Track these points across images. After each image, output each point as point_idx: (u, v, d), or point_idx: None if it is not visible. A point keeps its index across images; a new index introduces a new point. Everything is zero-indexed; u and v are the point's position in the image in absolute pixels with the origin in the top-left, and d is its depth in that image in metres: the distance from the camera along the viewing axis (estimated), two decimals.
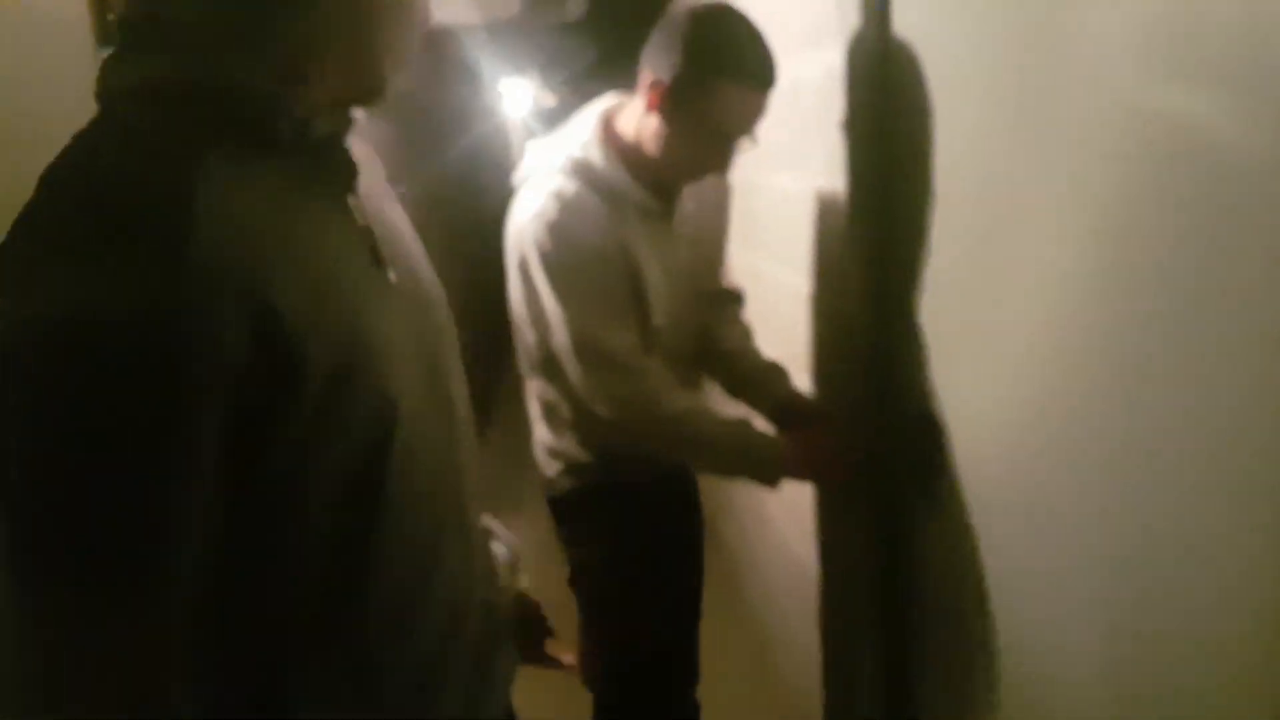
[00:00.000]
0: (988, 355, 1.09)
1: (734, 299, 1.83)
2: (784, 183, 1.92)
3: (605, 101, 1.57)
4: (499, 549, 1.04)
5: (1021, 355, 1.01)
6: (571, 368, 1.46)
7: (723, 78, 1.38)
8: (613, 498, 1.60)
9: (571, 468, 1.62)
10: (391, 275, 0.80)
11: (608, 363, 1.44)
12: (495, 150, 5.44)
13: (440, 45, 3.62)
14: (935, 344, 1.22)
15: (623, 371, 1.44)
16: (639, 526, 1.60)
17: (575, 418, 1.55)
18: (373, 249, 0.79)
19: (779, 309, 1.99)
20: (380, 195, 0.87)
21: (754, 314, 1.83)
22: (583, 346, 1.43)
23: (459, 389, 0.90)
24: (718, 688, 1.81)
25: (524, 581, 1.10)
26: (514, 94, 5.70)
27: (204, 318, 0.61)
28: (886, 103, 1.30)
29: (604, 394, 1.45)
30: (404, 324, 0.79)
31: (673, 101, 1.40)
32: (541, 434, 1.66)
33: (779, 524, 2.30)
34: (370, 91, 0.79)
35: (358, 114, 0.80)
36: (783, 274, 1.98)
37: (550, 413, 1.61)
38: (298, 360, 0.65)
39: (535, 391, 1.63)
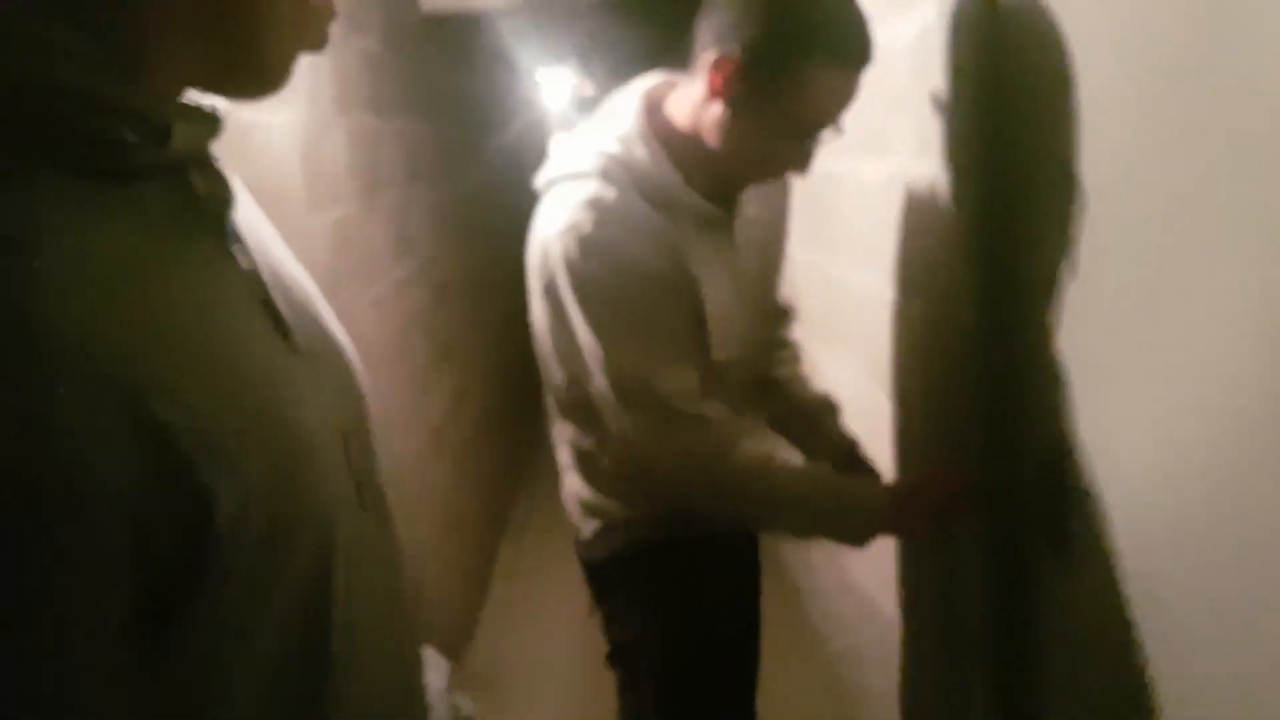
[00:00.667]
0: (1144, 388, 0.85)
1: (787, 315, 1.59)
2: (863, 169, 1.67)
3: (647, 82, 1.29)
4: (463, 704, 0.85)
5: (1186, 390, 0.78)
6: (616, 416, 1.21)
7: (813, 55, 1.10)
8: (663, 561, 1.34)
9: (612, 527, 1.36)
10: (296, 339, 0.59)
11: (663, 411, 1.18)
12: (535, 147, 5.25)
13: (468, 33, 3.42)
14: (1076, 370, 0.98)
15: (682, 420, 1.19)
16: (695, 594, 1.35)
17: (617, 468, 1.29)
18: (266, 304, 0.58)
19: (854, 318, 1.75)
20: (258, 230, 0.65)
21: (820, 324, 1.59)
22: (631, 392, 1.18)
23: (381, 479, 0.70)
24: None
25: None
26: (551, 84, 5.47)
27: (77, 445, 0.42)
28: (998, 73, 1.06)
29: (661, 447, 1.20)
30: (320, 406, 0.59)
31: (745, 84, 1.13)
32: (574, 485, 1.40)
33: (855, 570, 2.06)
34: (247, 75, 0.56)
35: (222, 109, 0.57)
36: (861, 277, 1.73)
37: (585, 462, 1.36)
38: (205, 487, 0.46)
39: (566, 436, 1.38)
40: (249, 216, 0.64)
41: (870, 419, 1.71)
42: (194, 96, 0.55)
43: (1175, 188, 0.77)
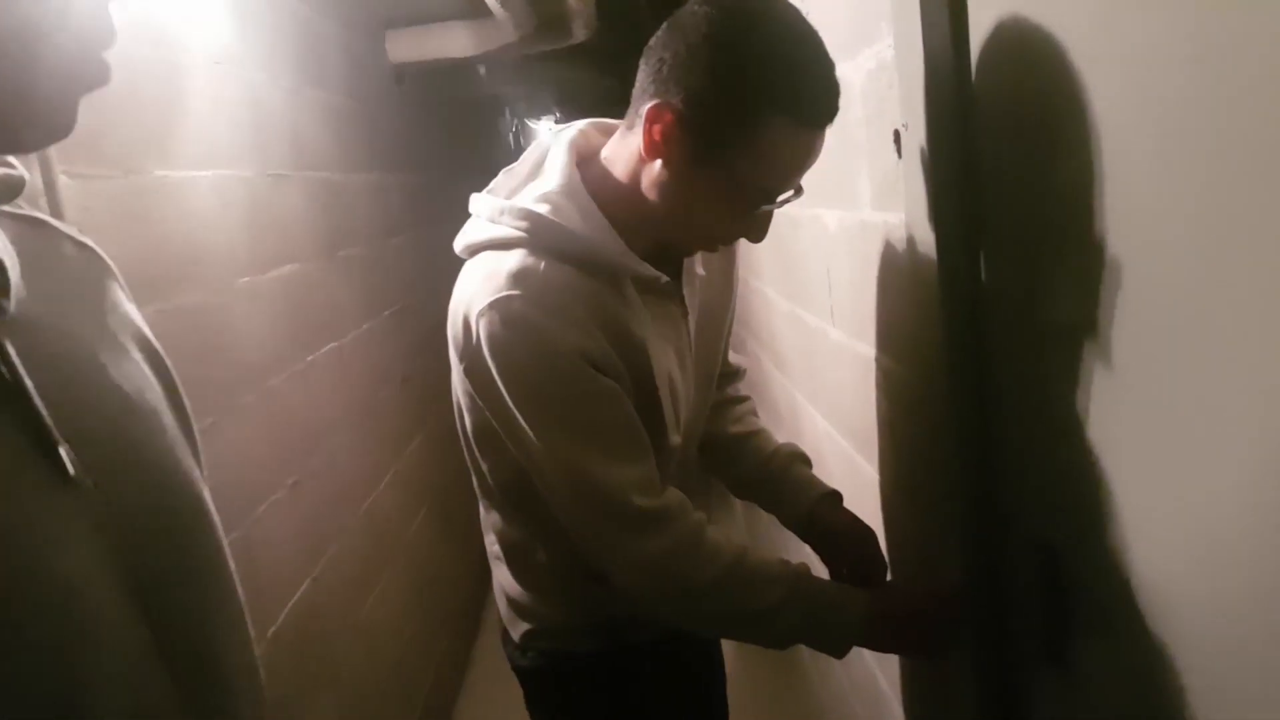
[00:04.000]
0: (1167, 467, 0.70)
1: (737, 374, 1.44)
2: (823, 216, 1.54)
3: (575, 128, 1.12)
4: None
5: (1221, 470, 0.63)
6: (567, 517, 1.05)
7: (767, 109, 0.94)
8: (604, 673, 1.19)
9: (544, 632, 1.20)
10: (72, 465, 0.48)
11: (618, 515, 1.01)
12: None
13: (445, 83, 3.32)
14: (1078, 446, 0.83)
15: (639, 524, 1.01)
16: (640, 711, 1.20)
17: (557, 563, 1.13)
18: (28, 420, 0.46)
19: (831, 375, 1.61)
20: (77, 321, 0.54)
21: (804, 379, 1.45)
22: (577, 487, 1.02)
23: (222, 634, 0.58)
24: None
25: None
26: (525, 134, 5.40)
27: None
28: (966, 111, 0.93)
29: (619, 558, 1.03)
30: (102, 552, 0.48)
31: (687, 140, 0.96)
32: (503, 580, 1.24)
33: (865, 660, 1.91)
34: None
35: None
36: (832, 331, 1.59)
37: (515, 555, 1.20)
38: None
39: (493, 524, 1.22)
40: (67, 306, 0.54)
41: (855, 488, 1.57)
42: None
43: (1199, 234, 0.63)
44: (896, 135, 1.06)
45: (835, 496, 1.31)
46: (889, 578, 1.25)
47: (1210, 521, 0.64)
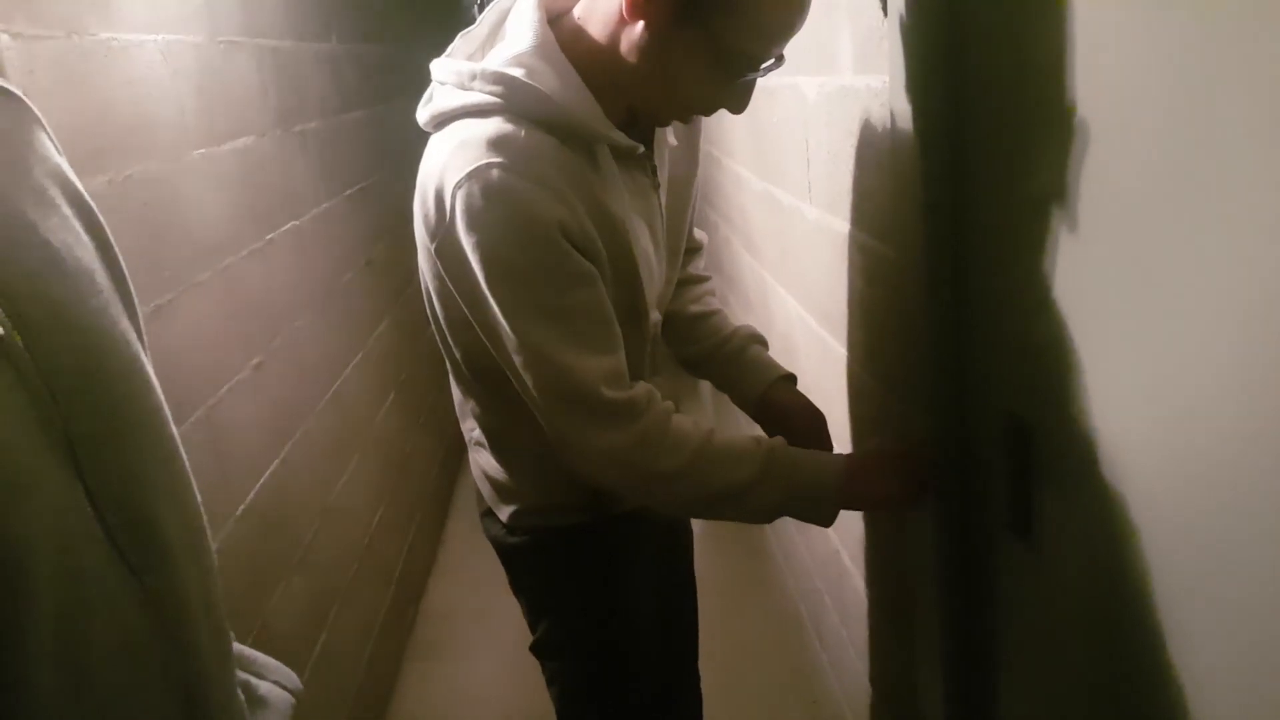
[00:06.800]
0: (1135, 353, 0.70)
1: (699, 249, 1.41)
2: (800, 83, 1.49)
3: None
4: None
5: (1187, 359, 0.63)
6: (533, 404, 1.02)
7: None
8: (587, 541, 1.20)
9: (530, 510, 1.21)
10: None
11: (586, 400, 0.99)
12: None
13: None
14: (1052, 328, 0.82)
15: (608, 409, 0.99)
16: (621, 572, 1.22)
17: (540, 442, 1.08)
18: None
19: (804, 254, 1.59)
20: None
21: (775, 262, 1.43)
22: (548, 378, 0.99)
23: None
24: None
25: None
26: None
27: None
28: None
29: (586, 441, 1.01)
30: (24, 407, 0.48)
31: (671, 2, 0.92)
32: (485, 464, 1.23)
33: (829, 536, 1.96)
34: None
35: None
36: (807, 208, 1.56)
37: (496, 439, 1.19)
38: None
39: (471, 410, 1.20)
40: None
41: (823, 367, 1.57)
42: None
43: (1182, 122, 0.61)
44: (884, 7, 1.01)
45: (790, 379, 1.31)
46: None
47: (1178, 393, 0.64)
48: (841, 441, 1.44)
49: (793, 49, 0.99)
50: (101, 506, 0.52)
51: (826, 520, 1.09)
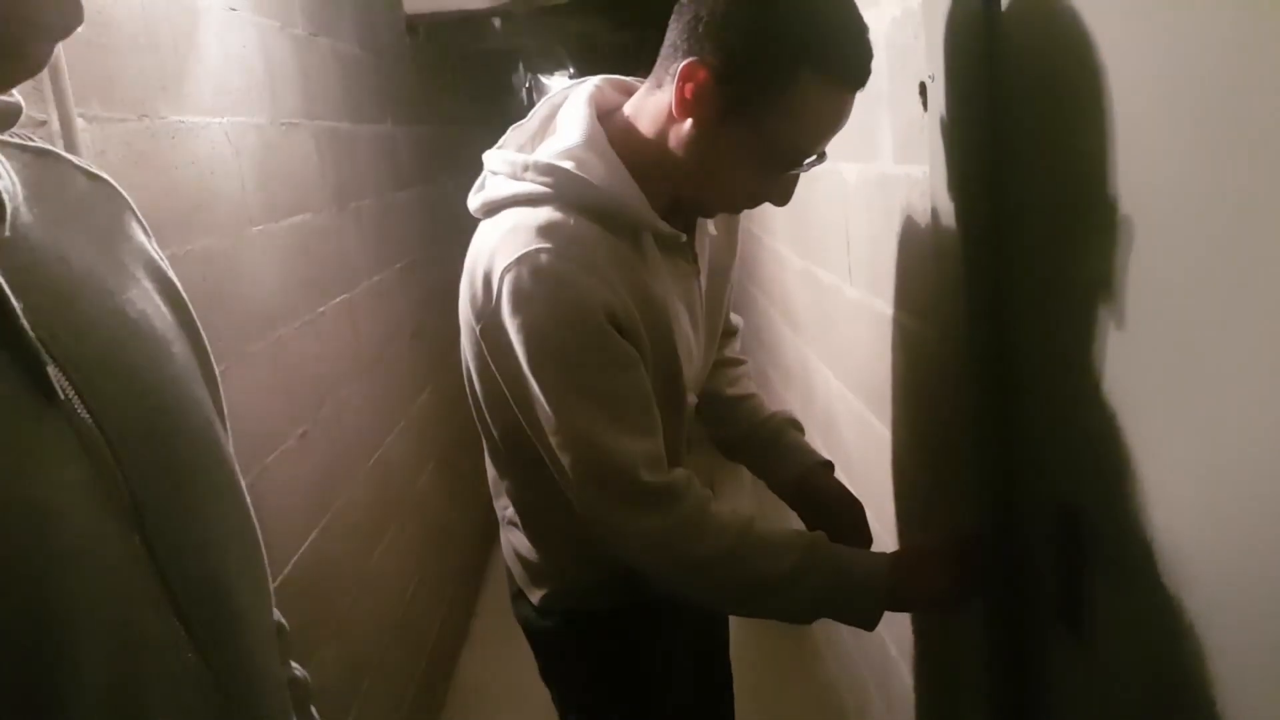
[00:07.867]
0: (1187, 431, 0.69)
1: (735, 332, 1.43)
2: (841, 169, 1.51)
3: (591, 84, 1.08)
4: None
5: (1243, 436, 0.62)
6: (569, 488, 1.02)
7: (803, 69, 0.92)
8: (621, 627, 1.18)
9: (562, 593, 1.19)
10: (61, 388, 0.47)
11: (624, 489, 0.98)
12: None
13: (460, 36, 3.26)
14: (1101, 409, 0.81)
15: (645, 500, 0.99)
16: (658, 662, 1.20)
17: (574, 522, 1.08)
18: (14, 339, 0.46)
19: (847, 331, 1.59)
20: (71, 242, 0.54)
21: (817, 339, 1.44)
22: (586, 461, 0.99)
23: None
24: None
25: None
26: (538, 90, 5.31)
27: None
28: (994, 61, 0.91)
29: (622, 532, 1.00)
30: (89, 476, 0.48)
31: (720, 99, 0.94)
32: (518, 544, 1.22)
33: None
34: None
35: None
36: (849, 288, 1.57)
37: (530, 517, 1.18)
38: None
39: (506, 489, 1.20)
40: (73, 233, 0.53)
41: (866, 447, 1.56)
42: None
43: (1221, 197, 0.61)
44: (922, 87, 1.04)
45: (827, 466, 1.31)
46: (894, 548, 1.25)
47: (1231, 485, 0.63)
48: (885, 521, 1.42)
49: (835, 137, 1.01)
50: (169, 575, 0.52)
51: (870, 623, 1.05)
